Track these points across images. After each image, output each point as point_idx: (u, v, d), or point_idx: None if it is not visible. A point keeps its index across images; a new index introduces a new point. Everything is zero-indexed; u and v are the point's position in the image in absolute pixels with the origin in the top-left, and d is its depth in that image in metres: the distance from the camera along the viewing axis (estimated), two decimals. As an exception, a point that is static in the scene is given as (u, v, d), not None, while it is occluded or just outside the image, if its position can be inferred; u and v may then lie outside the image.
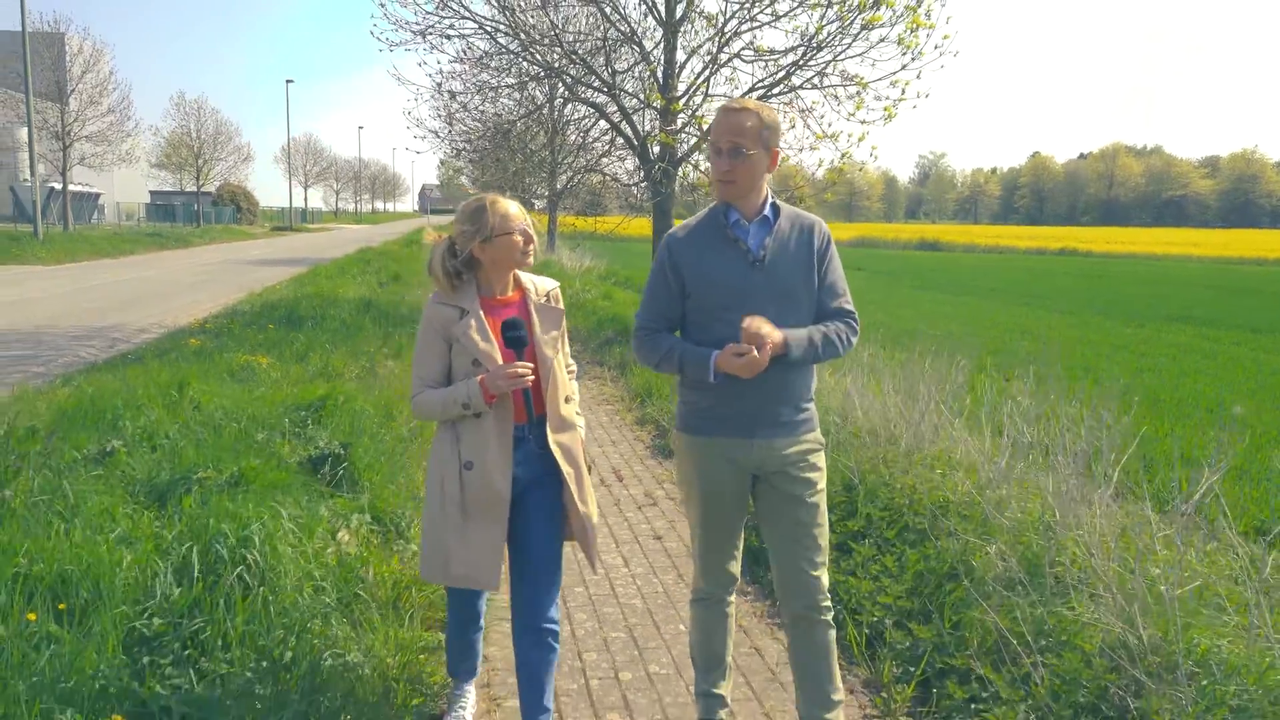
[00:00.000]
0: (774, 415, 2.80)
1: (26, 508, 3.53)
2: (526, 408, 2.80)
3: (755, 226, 2.80)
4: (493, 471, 2.73)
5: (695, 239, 2.84)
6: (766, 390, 2.75)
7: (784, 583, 2.89)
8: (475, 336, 2.73)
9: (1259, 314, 22.63)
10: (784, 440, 2.81)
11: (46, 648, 2.60)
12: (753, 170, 2.74)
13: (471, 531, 2.74)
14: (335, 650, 3.12)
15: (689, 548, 5.11)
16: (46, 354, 10.72)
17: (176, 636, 2.90)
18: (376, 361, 8.94)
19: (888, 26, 11.12)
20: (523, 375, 2.69)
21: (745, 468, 2.84)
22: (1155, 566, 3.35)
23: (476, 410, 2.71)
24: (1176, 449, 6.34)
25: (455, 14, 12.09)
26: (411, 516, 4.69)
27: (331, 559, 3.67)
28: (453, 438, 2.78)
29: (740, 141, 2.69)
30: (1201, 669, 2.88)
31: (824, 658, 2.88)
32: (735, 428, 2.80)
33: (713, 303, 2.77)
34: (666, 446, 7.19)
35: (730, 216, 2.81)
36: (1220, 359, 14.88)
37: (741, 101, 2.80)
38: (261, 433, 5.16)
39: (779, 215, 2.82)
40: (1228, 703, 2.71)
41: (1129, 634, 3.00)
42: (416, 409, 2.85)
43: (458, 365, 2.78)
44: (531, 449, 2.85)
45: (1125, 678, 2.89)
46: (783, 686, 3.59)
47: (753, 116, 2.70)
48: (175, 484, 4.06)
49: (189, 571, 3.12)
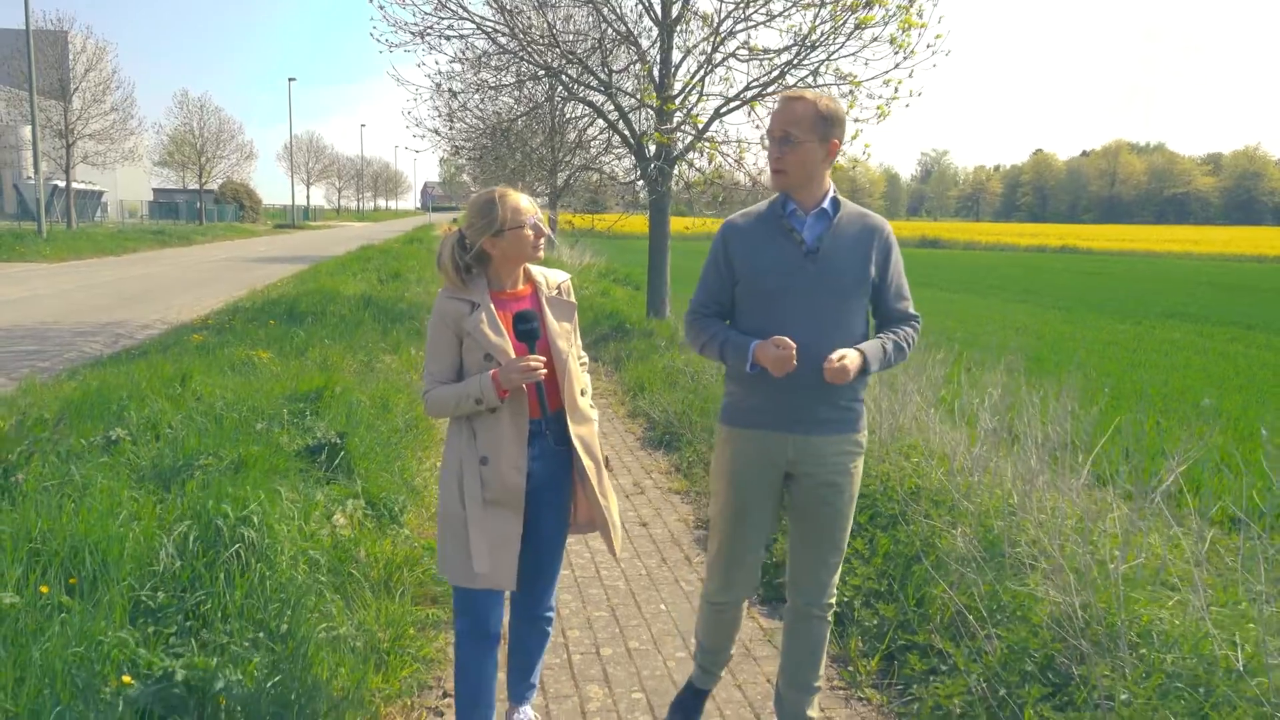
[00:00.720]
0: (813, 412, 2.77)
1: (38, 491, 3.73)
2: (540, 402, 2.77)
3: (812, 218, 2.76)
4: (508, 467, 2.71)
5: (752, 226, 2.83)
6: (806, 386, 2.71)
7: (795, 577, 2.93)
8: (487, 330, 2.69)
9: (1255, 311, 22.76)
10: (820, 439, 2.79)
11: (58, 617, 2.79)
12: (804, 159, 2.68)
13: (491, 528, 2.71)
14: (329, 624, 3.30)
15: (677, 536, 5.30)
16: (52, 349, 10.92)
17: (179, 609, 3.09)
18: (375, 356, 9.12)
19: (880, 26, 11.30)
20: (535, 369, 2.65)
21: (779, 464, 2.82)
22: (1106, 547, 3.52)
23: (490, 405, 2.67)
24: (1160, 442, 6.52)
25: (453, 15, 12.28)
26: (405, 503, 4.89)
27: (326, 540, 3.86)
28: (469, 433, 2.75)
29: (791, 130, 2.65)
30: (1142, 639, 3.06)
31: (815, 650, 2.94)
32: (774, 421, 2.78)
33: (762, 290, 2.75)
34: (656, 439, 7.38)
35: (788, 207, 2.78)
36: (1212, 355, 15.02)
37: (799, 91, 2.75)
38: (261, 423, 5.34)
39: (839, 210, 2.79)
40: (1164, 669, 2.89)
41: (1075, 607, 3.18)
42: (429, 405, 2.79)
43: (469, 360, 2.74)
44: (548, 444, 2.83)
45: (1070, 647, 3.07)
46: (755, 661, 3.77)
47: (808, 105, 2.66)
48: (178, 470, 4.26)
49: (190, 548, 3.31)
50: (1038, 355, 13.41)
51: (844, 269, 2.75)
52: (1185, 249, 61.11)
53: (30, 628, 2.68)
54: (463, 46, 13.64)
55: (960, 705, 3.09)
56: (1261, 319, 20.69)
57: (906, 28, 11.21)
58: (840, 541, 2.88)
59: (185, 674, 2.61)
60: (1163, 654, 2.96)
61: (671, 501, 5.89)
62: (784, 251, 2.75)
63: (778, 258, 2.75)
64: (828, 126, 2.67)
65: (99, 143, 40.77)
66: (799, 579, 2.92)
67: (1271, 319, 20.79)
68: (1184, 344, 16.38)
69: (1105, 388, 6.75)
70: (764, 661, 3.76)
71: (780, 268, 2.74)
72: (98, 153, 40.99)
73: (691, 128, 12.34)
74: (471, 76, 15.43)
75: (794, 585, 2.94)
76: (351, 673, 3.11)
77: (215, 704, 2.60)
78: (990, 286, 29.69)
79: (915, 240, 66.74)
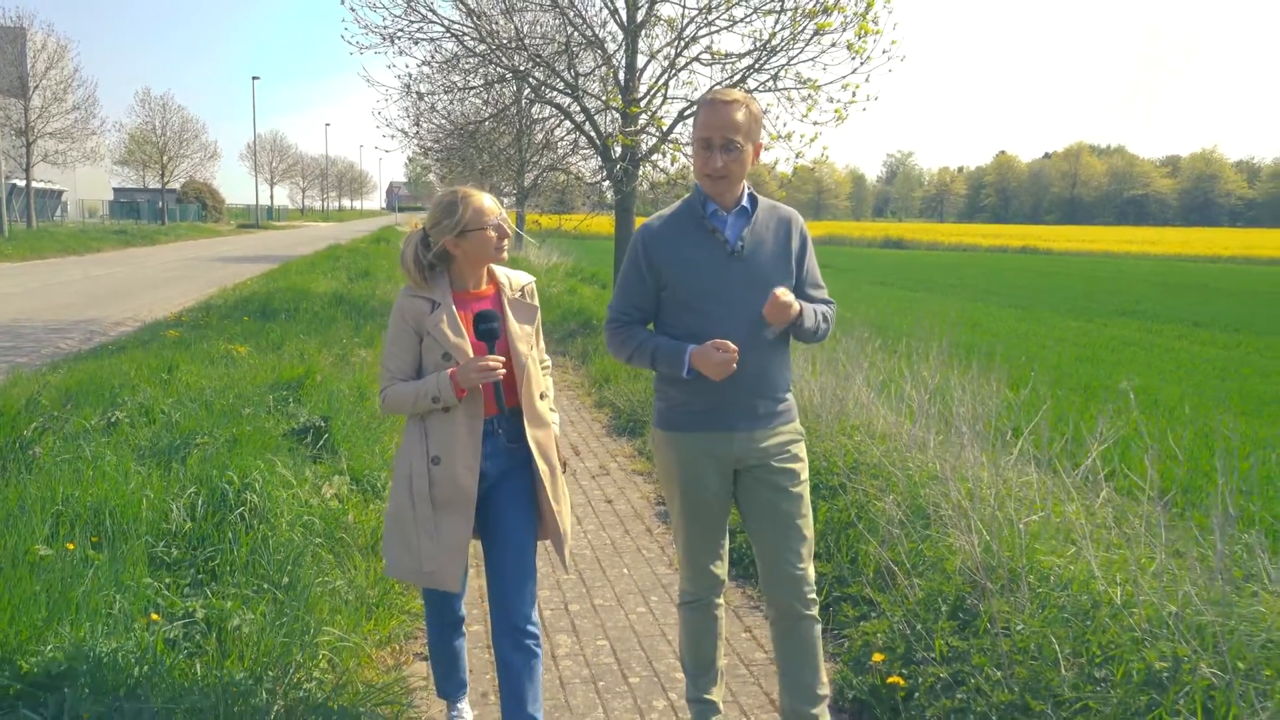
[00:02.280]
0: (751, 408, 2.77)
1: (53, 464, 4.08)
2: (497, 400, 2.74)
3: (733, 217, 2.76)
4: (459, 467, 2.70)
5: (671, 229, 2.79)
6: (743, 383, 2.72)
7: (768, 577, 2.87)
8: (446, 330, 2.69)
9: (1202, 309, 23.32)
10: (763, 433, 2.79)
11: (87, 568, 3.14)
12: (744, 164, 2.69)
13: (440, 530, 2.70)
14: (324, 579, 3.68)
15: (639, 510, 5.72)
16: (27, 346, 11.12)
17: (191, 564, 3.46)
18: (349, 351, 9.46)
19: (838, 32, 11.77)
20: (494, 369, 2.65)
21: (726, 462, 2.81)
22: (1012, 507, 3.99)
23: (446, 404, 2.67)
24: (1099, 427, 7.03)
25: (422, 18, 12.59)
26: (386, 479, 5.25)
27: (318, 508, 4.24)
28: (421, 432, 2.74)
29: (733, 136, 2.63)
30: (1040, 582, 3.52)
31: (809, 652, 2.87)
32: (714, 422, 2.77)
33: (688, 293, 2.72)
34: (621, 426, 7.79)
35: (708, 207, 2.76)
36: (1156, 350, 15.60)
37: (730, 93, 2.69)
38: (248, 408, 5.69)
39: (757, 206, 2.79)
40: (1056, 605, 3.35)
41: (976, 549, 3.63)
42: (385, 403, 2.78)
43: (428, 359, 2.72)
44: (500, 442, 2.81)
45: (978, 589, 3.52)
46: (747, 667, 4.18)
47: (742, 109, 2.64)
48: (177, 447, 4.61)
49: (199, 511, 3.68)
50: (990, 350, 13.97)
51: (769, 265, 2.76)
52: (1142, 250, 62.04)
53: (63, 575, 3.03)
54: (432, 49, 13.94)
55: (883, 640, 3.54)
56: (1208, 316, 21.31)
57: (863, 34, 11.67)
58: (804, 527, 2.85)
59: (204, 612, 2.99)
60: (1057, 593, 3.42)
61: (634, 481, 6.30)
62: (708, 252, 2.73)
63: (702, 259, 2.73)
64: (757, 129, 2.71)
65: (60, 142, 40.35)
66: (773, 579, 2.86)
67: (1217, 316, 21.40)
68: (1131, 340, 16.94)
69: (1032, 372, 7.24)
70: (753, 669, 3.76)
71: (706, 269, 2.72)
72: (58, 152, 40.57)
73: (656, 130, 12.74)
74: (441, 79, 15.73)
75: (770, 587, 2.88)
76: (346, 620, 3.49)
77: (231, 638, 2.98)
78: (950, 286, 30.26)
79: (880, 241, 67.48)
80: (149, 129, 56.38)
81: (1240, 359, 14.48)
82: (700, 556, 2.91)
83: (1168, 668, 2.90)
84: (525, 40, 13.04)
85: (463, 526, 2.73)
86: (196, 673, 2.70)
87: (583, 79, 13.62)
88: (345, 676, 3.13)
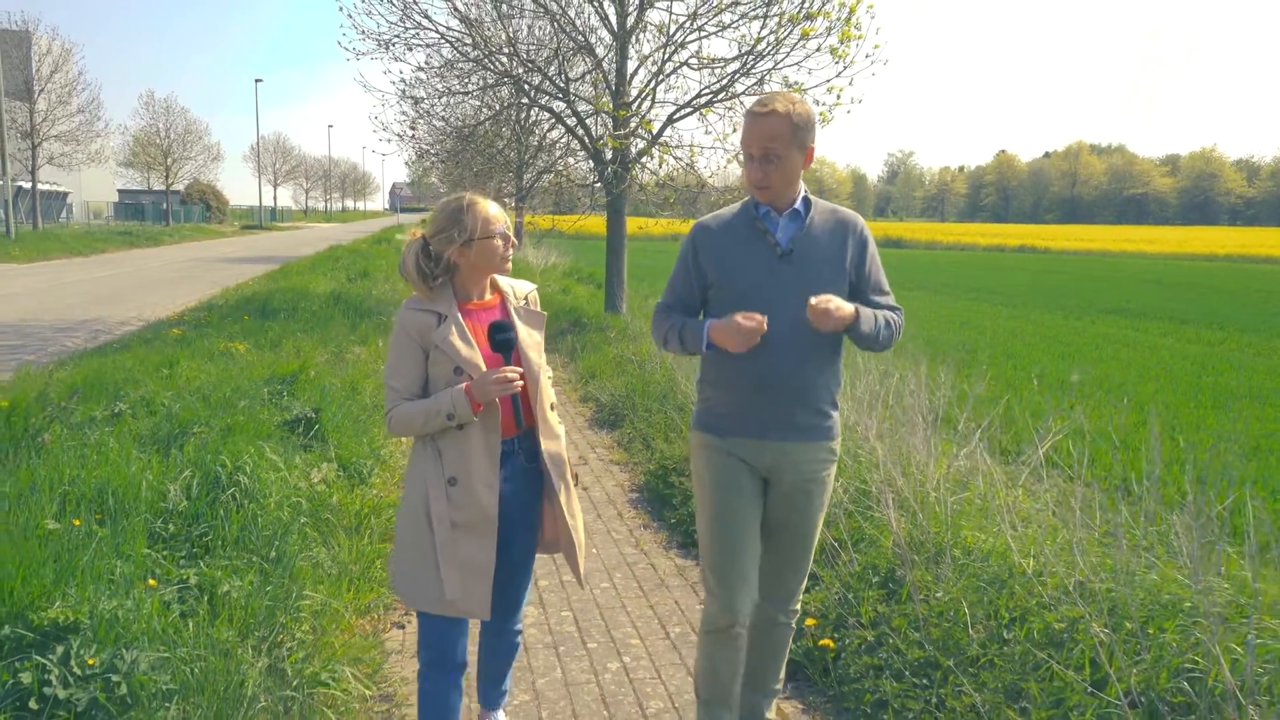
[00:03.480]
0: (789, 418, 2.74)
1: (60, 450, 4.41)
2: (516, 418, 2.62)
3: (785, 219, 2.75)
4: (480, 486, 2.57)
5: (724, 228, 2.80)
6: (785, 391, 2.70)
7: (763, 584, 2.88)
8: (457, 342, 2.55)
9: (1192, 307, 23.53)
10: (797, 445, 2.76)
11: (91, 540, 3.47)
12: (787, 173, 2.67)
13: (463, 554, 2.57)
14: (308, 553, 4.01)
15: (613, 497, 6.03)
16: (34, 344, 11.47)
17: (186, 538, 3.79)
18: (345, 348, 9.80)
19: (822, 37, 12.08)
20: (513, 380, 2.53)
21: (757, 470, 2.79)
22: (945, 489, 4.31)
23: (462, 420, 2.53)
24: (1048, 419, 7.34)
25: (417, 25, 12.92)
26: (373, 467, 5.59)
27: (305, 490, 4.57)
28: (434, 453, 2.59)
29: (773, 146, 2.62)
30: (964, 554, 3.84)
31: (777, 654, 3.01)
32: (749, 428, 2.76)
33: (736, 292, 2.71)
34: (603, 419, 8.13)
35: (761, 209, 2.76)
36: (1139, 347, 15.81)
37: (770, 103, 2.64)
38: (243, 401, 6.02)
39: (811, 209, 2.77)
40: (974, 573, 3.67)
41: (901, 527, 3.96)
42: (393, 424, 2.62)
43: (436, 374, 2.59)
44: (519, 463, 2.71)
45: (907, 561, 3.84)
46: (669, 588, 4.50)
47: (784, 120, 2.61)
48: (175, 436, 4.95)
49: (194, 491, 4.02)
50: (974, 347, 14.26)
51: (819, 268, 2.72)
52: (1139, 249, 62.10)
53: (71, 544, 3.36)
54: (427, 55, 14.26)
55: (819, 607, 3.86)
56: (1196, 314, 21.54)
57: (846, 39, 11.98)
58: (808, 549, 2.89)
59: (198, 579, 3.32)
60: (977, 564, 3.74)
61: (611, 470, 6.63)
62: (757, 253, 2.73)
63: (751, 260, 2.72)
64: (804, 134, 2.66)
65: (65, 144, 40.69)
66: (766, 587, 2.88)
67: (1205, 314, 21.63)
68: (1116, 337, 17.10)
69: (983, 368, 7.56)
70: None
71: (754, 270, 2.70)
72: (64, 154, 40.96)
73: (645, 133, 13.05)
74: (438, 84, 16.07)
75: (761, 593, 2.88)
76: (328, 589, 3.81)
77: (221, 602, 3.30)
78: (944, 284, 30.42)
79: (879, 240, 67.00)
80: (153, 131, 56.84)
81: (1220, 355, 14.70)
82: (731, 574, 2.79)
83: (1065, 628, 3.23)
84: (517, 46, 13.37)
85: (486, 549, 2.60)
86: (189, 630, 3.02)
87: (574, 83, 13.95)
88: (324, 638, 3.45)
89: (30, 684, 2.58)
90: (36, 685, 2.58)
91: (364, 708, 3.26)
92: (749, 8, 12.17)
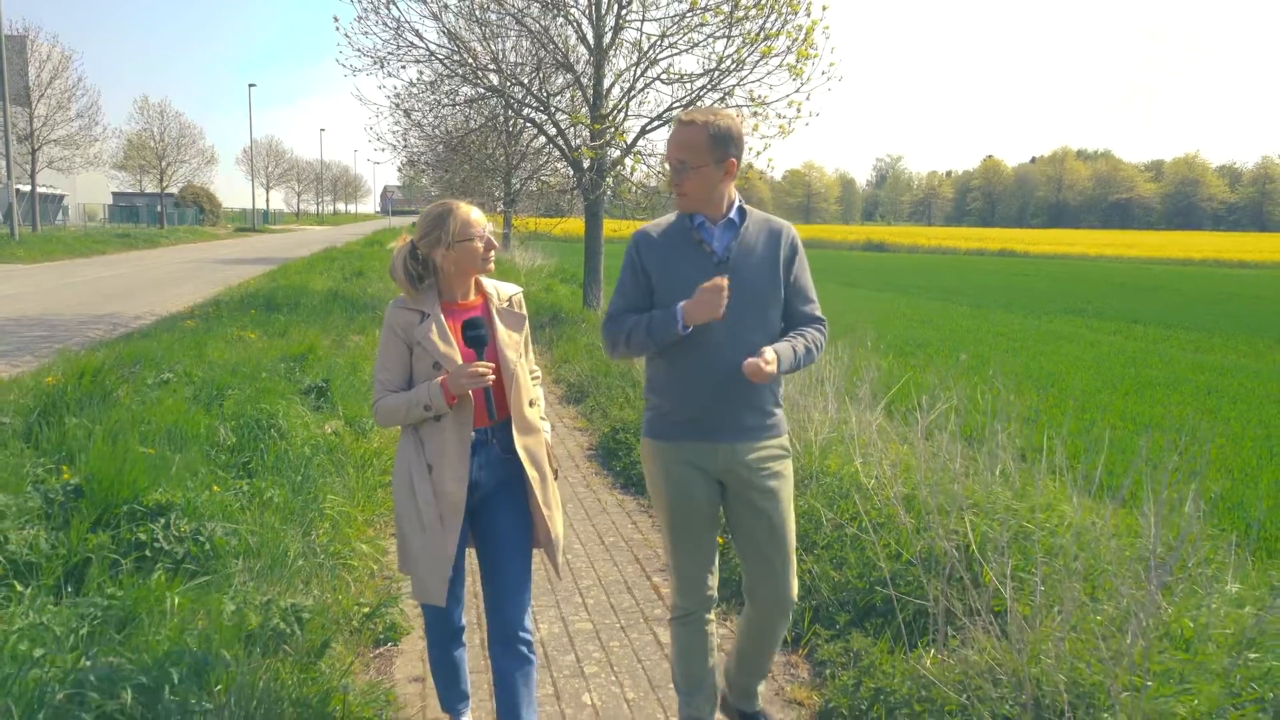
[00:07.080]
0: (737, 419, 2.79)
1: (133, 402, 5.61)
2: (488, 410, 2.75)
3: (720, 229, 2.81)
4: (449, 478, 2.71)
5: (663, 237, 2.85)
6: (730, 394, 2.76)
7: (753, 587, 2.94)
8: (435, 339, 2.72)
9: (1149, 308, 24.40)
10: (746, 445, 2.81)
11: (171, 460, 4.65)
12: (702, 182, 2.74)
13: (428, 543, 2.73)
14: (326, 478, 5.20)
15: (574, 457, 7.20)
16: (62, 334, 12.59)
17: (234, 466, 4.98)
18: (344, 337, 11.00)
19: (783, 55, 13.24)
20: (483, 374, 2.67)
21: (711, 473, 2.83)
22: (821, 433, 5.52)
23: (438, 411, 2.69)
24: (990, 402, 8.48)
25: (409, 44, 14.04)
26: (372, 423, 6.78)
27: (321, 438, 5.76)
28: (416, 442, 2.77)
29: (684, 156, 2.71)
30: (828, 476, 5.04)
31: (772, 643, 3.04)
32: (699, 432, 2.80)
33: (674, 301, 2.74)
34: (571, 396, 9.34)
35: (696, 219, 2.82)
36: (1084, 343, 16.65)
37: (691, 114, 2.74)
38: (264, 373, 7.21)
39: (745, 219, 2.83)
40: (826, 489, 4.87)
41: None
42: (379, 414, 2.80)
43: (419, 369, 2.76)
44: (494, 453, 2.82)
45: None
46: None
47: (697, 130, 2.69)
48: (215, 396, 6.14)
49: (240, 431, 5.22)
50: (924, 341, 15.35)
51: (756, 276, 2.79)
52: (1118, 252, 62.65)
53: (157, 460, 4.55)
54: (419, 71, 15.36)
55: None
56: (1150, 315, 22.41)
57: (803, 58, 13.14)
58: (785, 546, 2.88)
59: (248, 487, 4.51)
60: (833, 484, 4.94)
61: (574, 434, 7.84)
62: (695, 263, 2.79)
63: (690, 269, 2.77)
64: (722, 147, 2.71)
65: (64, 148, 41.16)
66: (757, 590, 2.93)
67: (1160, 315, 22.47)
68: (1066, 335, 17.99)
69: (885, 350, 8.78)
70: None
71: (693, 279, 2.72)
72: (62, 158, 41.48)
73: (619, 143, 14.20)
74: (429, 96, 17.21)
75: (753, 595, 2.95)
76: (341, 501, 5.00)
77: (265, 504, 4.49)
78: (916, 287, 30.92)
79: (862, 244, 68.69)
80: (147, 135, 57.51)
81: (1155, 351, 15.60)
82: (690, 569, 2.91)
83: (884, 519, 4.43)
84: (501, 64, 14.51)
85: (450, 537, 2.72)
86: (248, 515, 4.21)
87: (553, 97, 15.09)
88: (342, 530, 4.65)
89: (146, 540, 3.77)
90: (150, 540, 3.77)
91: (371, 575, 4.45)
92: (713, 29, 13.31)
